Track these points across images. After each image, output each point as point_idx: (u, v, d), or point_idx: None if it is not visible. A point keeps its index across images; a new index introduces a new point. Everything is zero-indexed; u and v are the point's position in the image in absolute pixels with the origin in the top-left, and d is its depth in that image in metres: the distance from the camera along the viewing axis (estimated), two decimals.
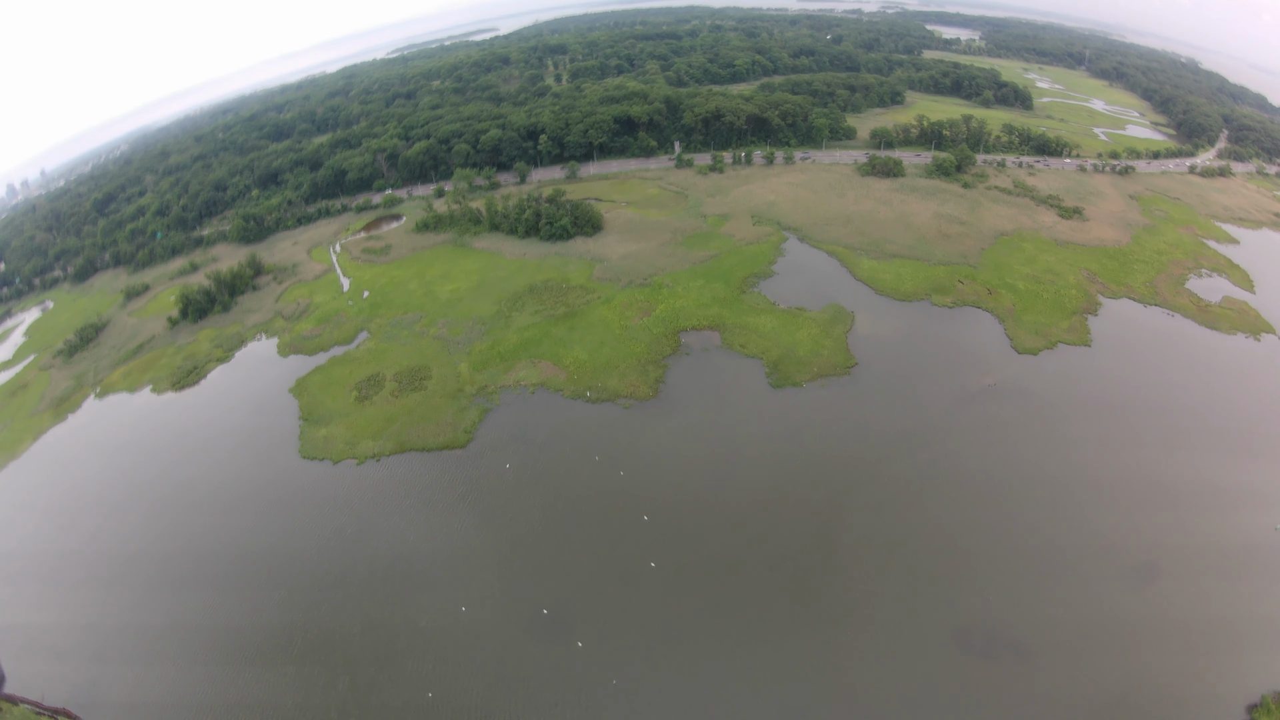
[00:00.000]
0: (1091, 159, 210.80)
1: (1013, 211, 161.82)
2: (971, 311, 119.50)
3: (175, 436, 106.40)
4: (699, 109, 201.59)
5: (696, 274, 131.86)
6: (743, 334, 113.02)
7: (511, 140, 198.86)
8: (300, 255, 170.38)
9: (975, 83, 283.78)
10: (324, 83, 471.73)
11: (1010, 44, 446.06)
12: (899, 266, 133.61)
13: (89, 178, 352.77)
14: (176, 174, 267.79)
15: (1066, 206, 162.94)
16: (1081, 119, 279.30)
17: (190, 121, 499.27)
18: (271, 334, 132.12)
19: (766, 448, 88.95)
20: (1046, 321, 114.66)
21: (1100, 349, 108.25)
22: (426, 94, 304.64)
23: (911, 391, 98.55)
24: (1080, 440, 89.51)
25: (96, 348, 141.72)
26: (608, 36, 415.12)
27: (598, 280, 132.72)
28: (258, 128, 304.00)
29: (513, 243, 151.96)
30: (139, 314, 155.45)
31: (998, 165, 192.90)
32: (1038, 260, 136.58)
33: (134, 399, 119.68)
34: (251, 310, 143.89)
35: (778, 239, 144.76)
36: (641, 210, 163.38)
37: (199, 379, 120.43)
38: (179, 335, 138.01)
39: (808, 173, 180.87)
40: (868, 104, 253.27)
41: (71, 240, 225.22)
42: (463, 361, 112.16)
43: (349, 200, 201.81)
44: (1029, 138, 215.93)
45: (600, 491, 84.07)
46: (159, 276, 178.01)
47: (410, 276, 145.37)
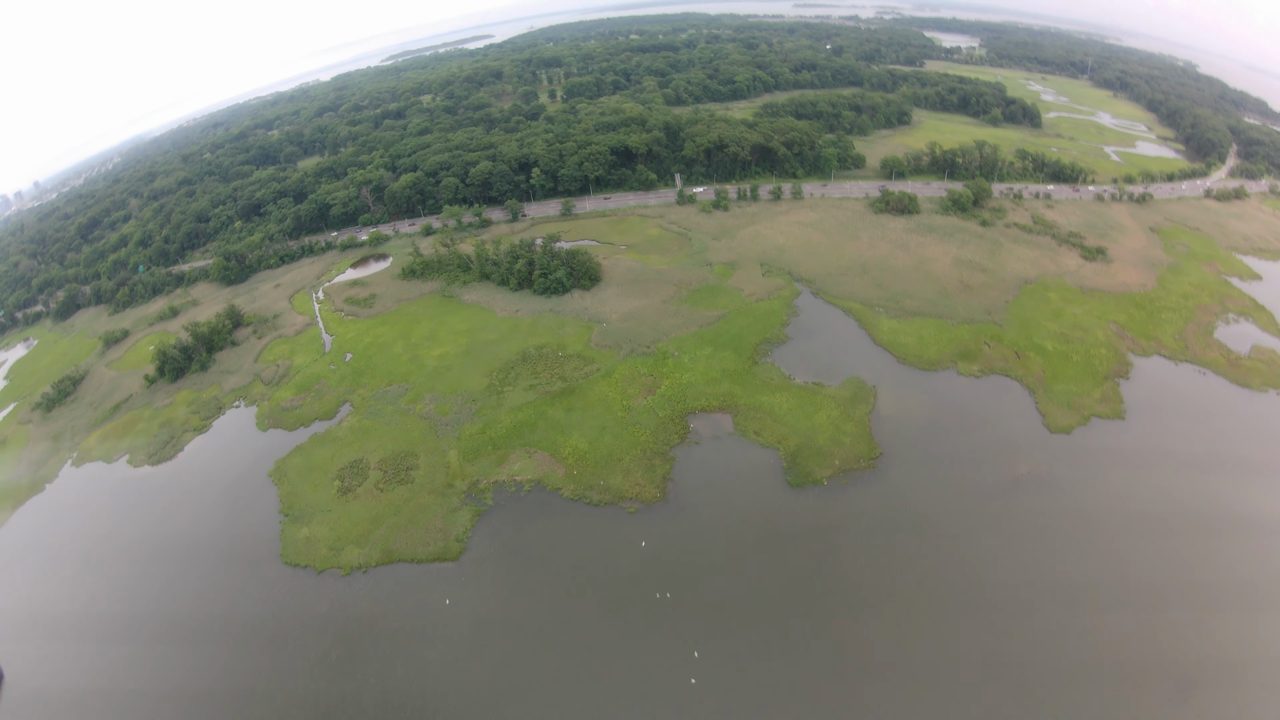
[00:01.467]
0: (1107, 185, 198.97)
1: (1034, 253, 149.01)
2: (1000, 381, 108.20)
3: (150, 530, 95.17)
4: (700, 139, 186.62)
5: (704, 340, 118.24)
6: (757, 417, 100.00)
7: (503, 174, 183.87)
8: (281, 302, 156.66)
9: (983, 100, 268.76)
10: (316, 93, 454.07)
11: (1011, 52, 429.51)
12: (921, 327, 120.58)
13: (77, 196, 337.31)
14: (161, 199, 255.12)
15: (1089, 246, 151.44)
16: (1091, 136, 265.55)
17: (182, 134, 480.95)
18: (250, 401, 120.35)
19: (784, 565, 77.89)
20: (1078, 391, 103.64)
21: (1134, 421, 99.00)
22: (416, 113, 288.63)
23: (940, 488, 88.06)
24: (1115, 541, 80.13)
25: (74, 403, 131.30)
26: (602, 48, 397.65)
27: (596, 347, 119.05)
28: (244, 150, 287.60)
29: (504, 295, 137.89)
30: (117, 365, 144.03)
31: (1014, 197, 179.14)
32: (1064, 313, 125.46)
33: (110, 471, 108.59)
34: (230, 370, 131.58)
35: (790, 293, 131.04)
36: (642, 255, 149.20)
37: (175, 451, 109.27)
38: (156, 396, 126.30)
39: (818, 210, 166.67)
40: (874, 125, 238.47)
41: (55, 270, 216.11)
42: (452, 448, 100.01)
43: (333, 235, 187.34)
44: (1043, 164, 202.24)
45: (610, 622, 73.02)
46: (138, 321, 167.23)
47: (395, 336, 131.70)
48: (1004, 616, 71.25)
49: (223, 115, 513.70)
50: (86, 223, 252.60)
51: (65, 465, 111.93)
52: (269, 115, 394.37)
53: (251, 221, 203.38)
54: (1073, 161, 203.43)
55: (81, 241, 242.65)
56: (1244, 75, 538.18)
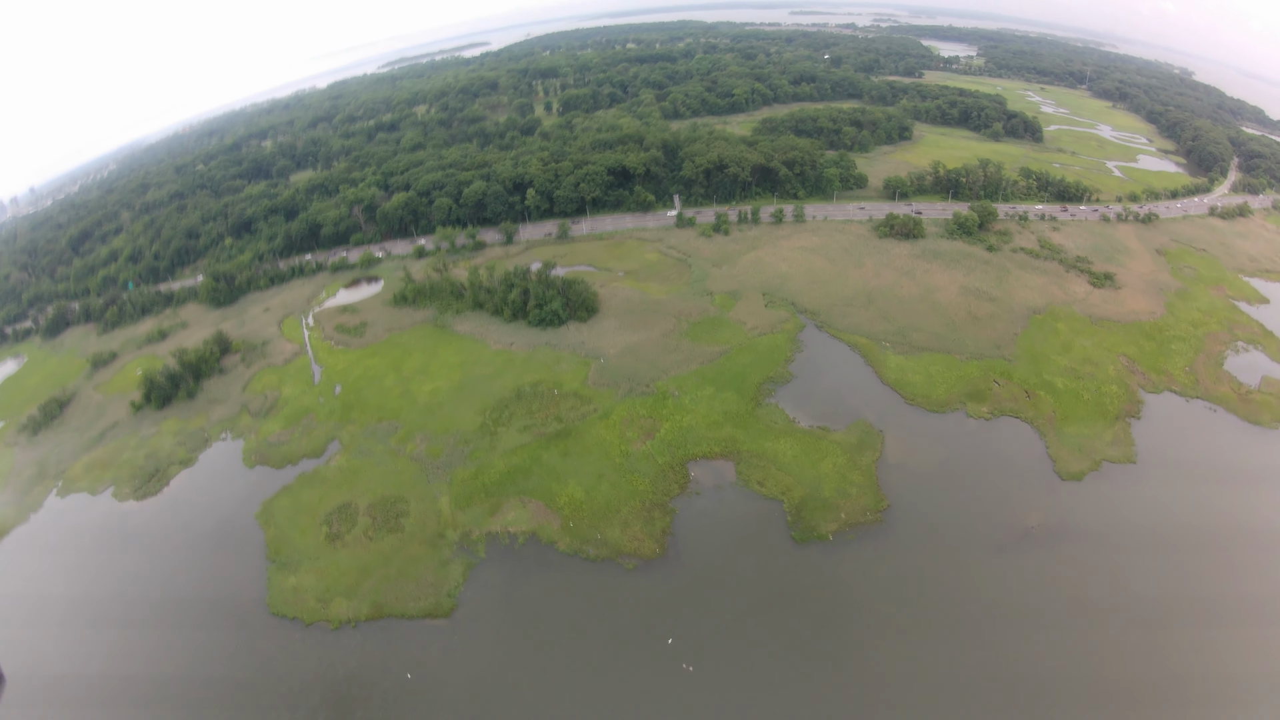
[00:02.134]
0: (1112, 203, 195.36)
1: (1042, 280, 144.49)
2: (1010, 423, 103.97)
3: (134, 573, 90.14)
4: (700, 159, 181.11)
5: (705, 378, 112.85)
6: (760, 466, 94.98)
7: (497, 194, 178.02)
8: (271, 328, 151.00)
9: (984, 114, 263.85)
10: (311, 101, 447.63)
11: (1010, 62, 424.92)
12: (929, 363, 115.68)
13: (70, 205, 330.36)
14: (152, 212, 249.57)
15: (1097, 272, 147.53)
16: (1092, 150, 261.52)
17: (178, 142, 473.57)
18: (238, 434, 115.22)
19: (786, 628, 73.79)
20: (1089, 433, 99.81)
21: (1145, 465, 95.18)
22: (410, 125, 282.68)
23: (948, 543, 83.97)
24: (1127, 603, 76.61)
25: (60, 425, 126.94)
26: (599, 58, 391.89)
27: (594, 385, 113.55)
28: (236, 162, 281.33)
29: (498, 326, 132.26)
30: (104, 389, 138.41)
31: (1020, 219, 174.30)
32: (1074, 346, 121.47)
33: (95, 504, 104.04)
34: (217, 400, 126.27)
35: (793, 326, 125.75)
36: (640, 283, 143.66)
37: (161, 485, 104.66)
38: (142, 424, 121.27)
39: (820, 234, 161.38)
40: (875, 141, 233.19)
41: (45, 284, 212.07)
42: (443, 494, 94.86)
43: (324, 255, 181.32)
44: (1048, 182, 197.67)
45: (608, 685, 69.01)
46: (126, 342, 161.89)
47: (386, 368, 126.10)
48: (1015, 688, 66.89)
49: (219, 122, 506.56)
50: (78, 235, 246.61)
51: (50, 495, 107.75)
52: (263, 124, 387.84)
53: (242, 239, 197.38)
54: (1077, 180, 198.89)
55: (73, 254, 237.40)
56: (1240, 82, 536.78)
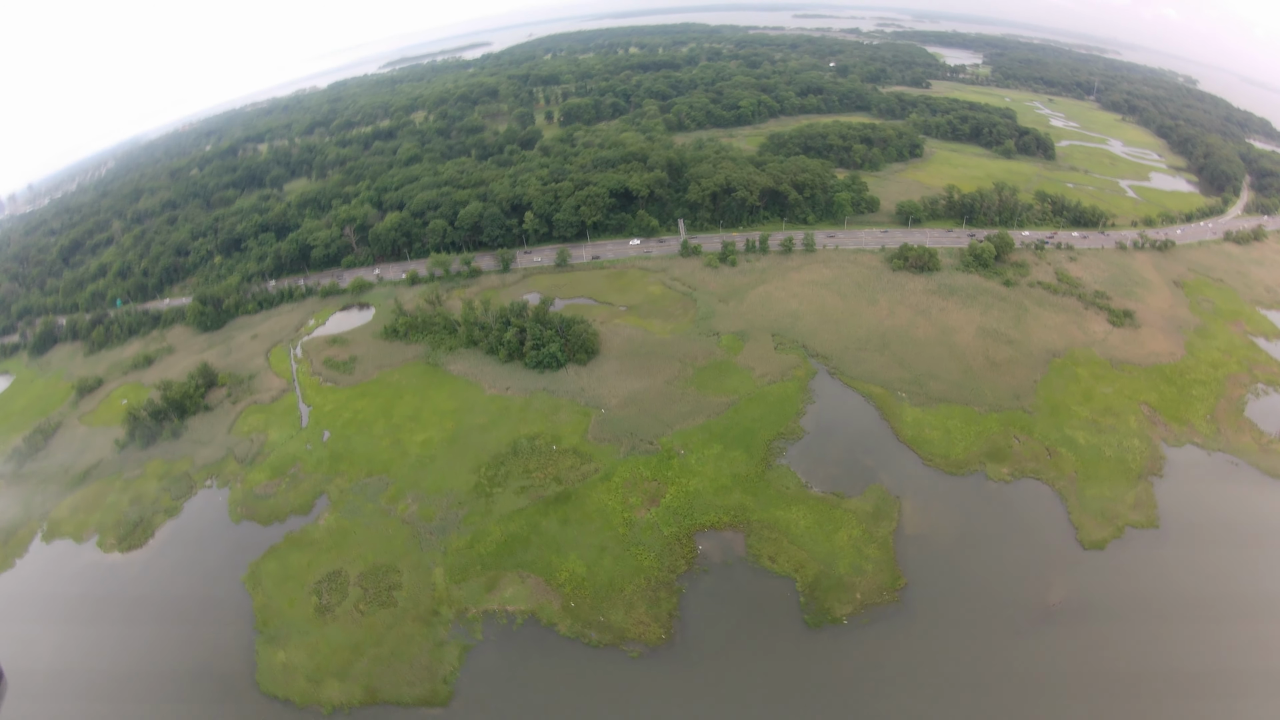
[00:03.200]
0: (1127, 229, 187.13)
1: (1061, 319, 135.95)
2: (1031, 486, 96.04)
3: (122, 635, 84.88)
4: (706, 181, 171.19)
5: (713, 434, 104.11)
6: (771, 539, 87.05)
7: (493, 217, 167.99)
8: (258, 358, 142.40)
9: (995, 130, 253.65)
10: (310, 103, 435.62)
11: (1017, 72, 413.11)
12: (947, 416, 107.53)
13: (65, 209, 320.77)
14: (144, 222, 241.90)
15: (1116, 309, 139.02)
16: (1104, 168, 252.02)
17: (176, 141, 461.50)
18: (224, 481, 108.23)
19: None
20: (1111, 495, 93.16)
21: (1168, 530, 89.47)
22: (408, 134, 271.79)
23: (966, 626, 78.04)
24: (1154, 684, 71.67)
25: (46, 458, 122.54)
26: (601, 65, 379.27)
27: (594, 440, 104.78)
28: (230, 169, 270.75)
29: (493, 367, 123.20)
30: (89, 419, 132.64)
31: (1036, 248, 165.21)
32: (1095, 394, 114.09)
33: (80, 554, 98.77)
34: (202, 441, 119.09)
35: (805, 373, 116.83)
36: (643, 320, 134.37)
37: (146, 537, 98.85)
38: (126, 463, 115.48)
39: (831, 265, 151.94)
40: (886, 159, 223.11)
41: (35, 296, 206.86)
42: (437, 564, 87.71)
43: (315, 278, 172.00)
44: (1063, 207, 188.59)
45: None
46: (112, 366, 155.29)
47: (376, 413, 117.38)
48: None
49: (219, 122, 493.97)
50: (69, 245, 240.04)
51: (35, 539, 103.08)
52: (261, 127, 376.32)
53: (231, 257, 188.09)
54: (1093, 205, 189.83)
55: (63, 265, 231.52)
56: (1245, 91, 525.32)
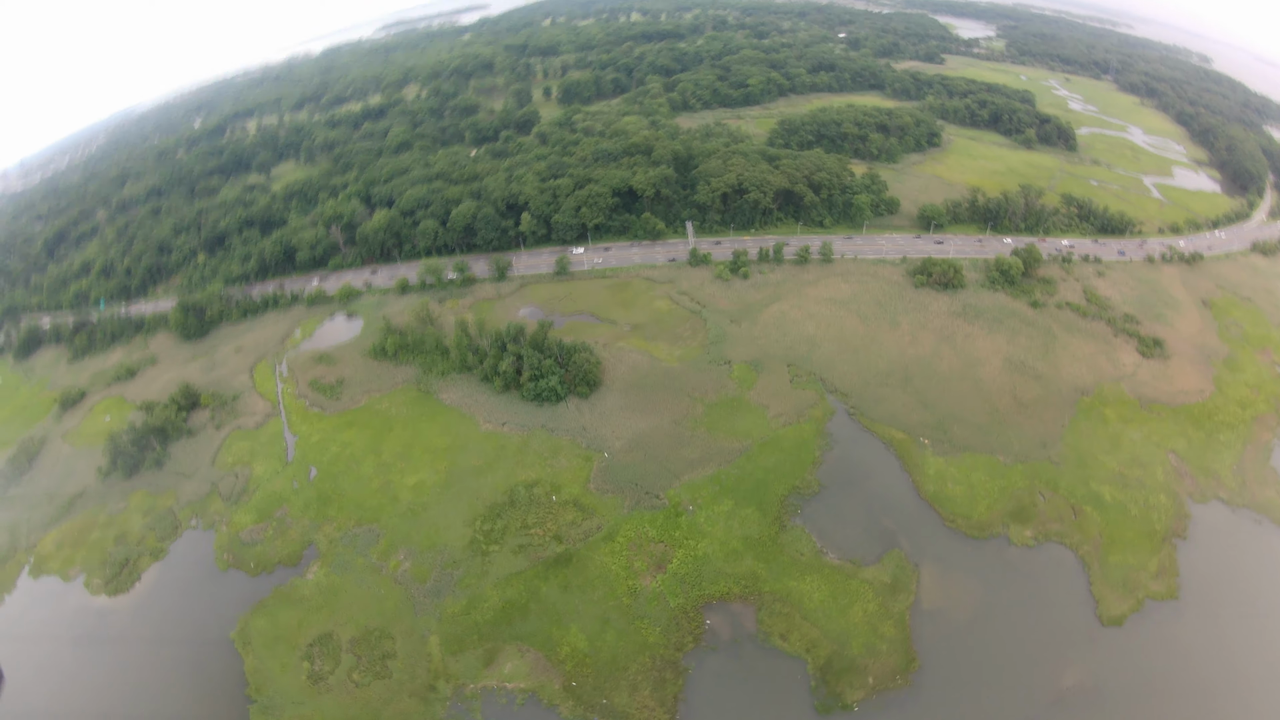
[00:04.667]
0: (1154, 236, 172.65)
1: (1090, 349, 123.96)
2: (1054, 551, 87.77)
3: (113, 695, 79.75)
4: (716, 181, 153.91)
5: (723, 487, 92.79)
6: (784, 613, 78.97)
7: (488, 218, 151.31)
8: (242, 375, 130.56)
9: (1015, 117, 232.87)
10: (301, 74, 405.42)
11: (1032, 47, 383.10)
12: (971, 468, 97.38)
13: (53, 191, 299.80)
14: (128, 211, 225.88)
15: (1145, 337, 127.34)
16: (1127, 161, 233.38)
17: (166, 115, 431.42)
18: (208, 522, 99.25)
19: None
20: (1135, 562, 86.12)
21: (1188, 599, 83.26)
22: (399, 115, 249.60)
23: (977, 713, 70.93)
24: None
25: (30, 482, 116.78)
26: (602, 34, 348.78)
27: (597, 490, 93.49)
28: (216, 153, 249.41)
29: (488, 397, 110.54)
30: (73, 438, 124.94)
31: (1063, 262, 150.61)
32: (1123, 440, 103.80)
33: (67, 595, 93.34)
34: (185, 473, 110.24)
35: (822, 413, 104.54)
36: (649, 343, 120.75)
37: (132, 581, 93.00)
38: (110, 493, 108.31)
39: (850, 279, 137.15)
40: (903, 148, 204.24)
41: (20, 294, 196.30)
42: (433, 632, 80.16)
43: (300, 281, 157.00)
44: (1090, 212, 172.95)
45: None
46: (96, 376, 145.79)
47: (365, 448, 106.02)
48: None
49: (209, 93, 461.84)
50: (53, 236, 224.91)
51: (23, 573, 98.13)
52: (250, 101, 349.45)
53: (215, 255, 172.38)
54: (1120, 211, 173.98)
55: (48, 258, 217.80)
56: (1258, 70, 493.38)
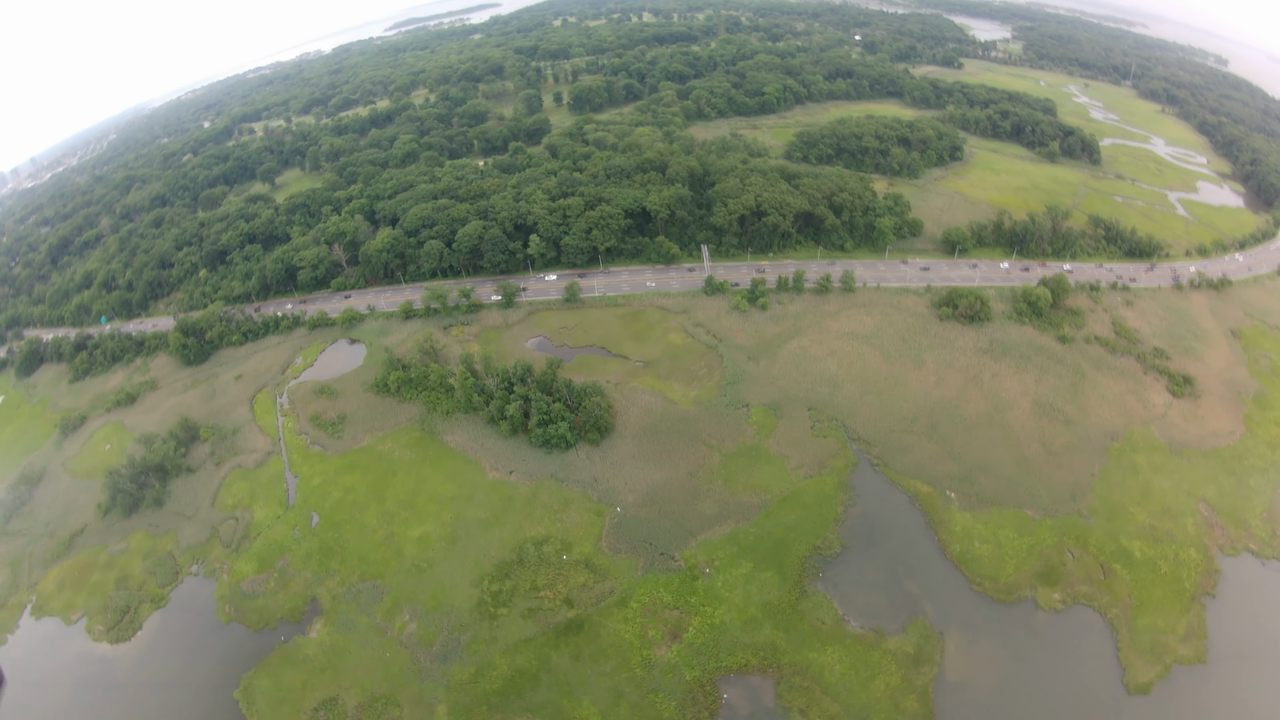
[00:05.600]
0: (1181, 259, 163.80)
1: (1120, 388, 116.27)
2: (1082, 615, 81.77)
3: None
4: (733, 202, 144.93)
5: (742, 546, 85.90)
6: (804, 687, 73.93)
7: (495, 239, 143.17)
8: (242, 406, 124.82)
9: (1039, 129, 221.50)
10: (311, 74, 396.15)
11: (1050, 51, 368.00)
12: (999, 524, 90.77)
13: (60, 193, 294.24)
14: (132, 219, 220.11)
15: (1175, 375, 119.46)
16: (1151, 175, 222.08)
17: (176, 113, 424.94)
18: (209, 569, 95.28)
19: None
20: (1163, 625, 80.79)
21: (1216, 663, 77.73)
22: (406, 121, 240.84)
23: None
24: None
25: (31, 515, 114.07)
26: (614, 36, 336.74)
27: (609, 550, 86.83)
28: (221, 159, 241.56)
29: (495, 441, 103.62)
30: (73, 467, 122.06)
31: (1091, 290, 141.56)
32: (1153, 490, 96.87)
33: (69, 641, 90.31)
34: (185, 514, 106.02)
35: (845, 464, 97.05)
36: (663, 382, 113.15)
37: (134, 630, 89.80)
38: (110, 531, 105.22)
39: (873, 311, 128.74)
40: (925, 163, 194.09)
41: (23, 305, 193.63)
42: (440, 701, 75.81)
43: (302, 302, 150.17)
44: (1117, 234, 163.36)
45: None
46: (96, 400, 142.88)
47: (368, 494, 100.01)
48: None
49: (219, 91, 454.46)
50: (58, 243, 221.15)
51: (25, 613, 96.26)
52: (259, 102, 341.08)
53: (216, 271, 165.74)
54: (1148, 234, 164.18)
55: (51, 267, 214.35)
56: (1272, 71, 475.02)
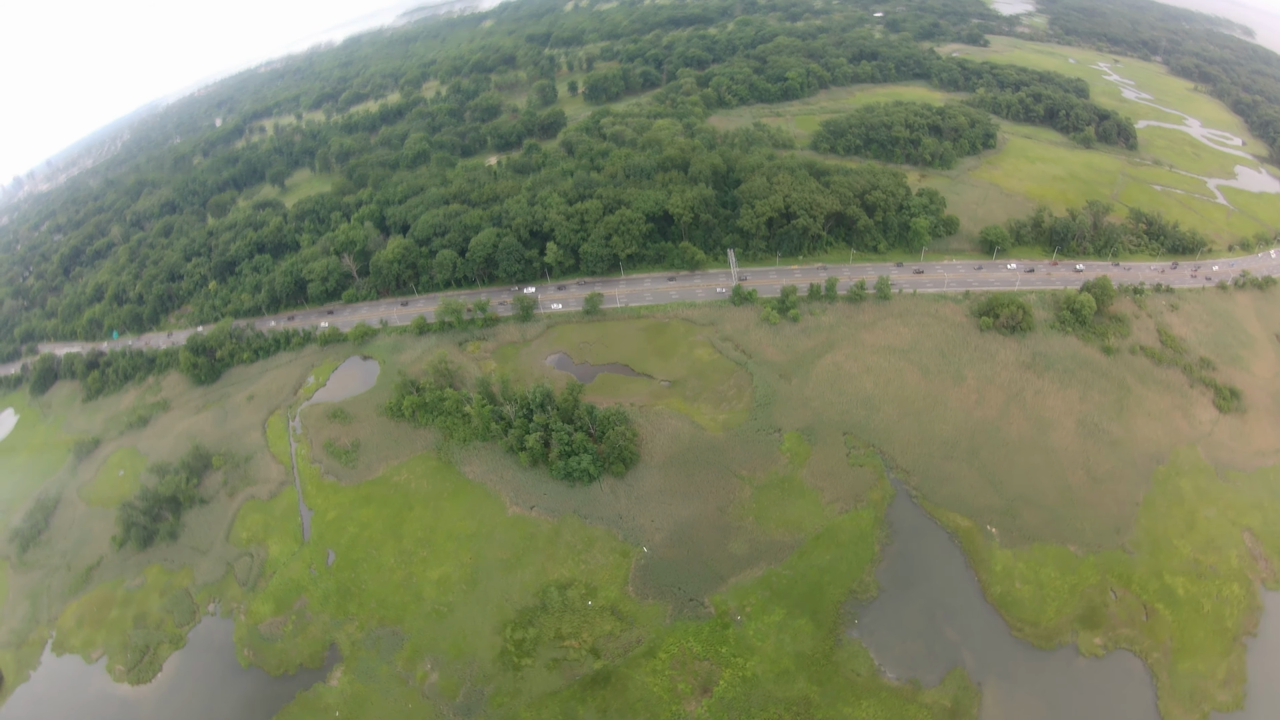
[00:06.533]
0: (1224, 255, 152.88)
1: (1166, 404, 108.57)
2: (1122, 661, 76.82)
3: None
4: (761, 205, 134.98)
5: (774, 590, 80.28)
6: None
7: (510, 248, 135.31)
8: (254, 431, 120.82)
9: (1073, 114, 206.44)
10: (321, 66, 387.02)
11: (1076, 25, 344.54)
12: (1040, 562, 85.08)
13: (72, 199, 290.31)
14: (142, 227, 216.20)
15: (1222, 387, 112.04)
16: (1188, 160, 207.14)
17: (189, 110, 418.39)
18: (226, 608, 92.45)
19: None
20: (1203, 669, 76.46)
21: (1254, 709, 73.10)
22: (417, 116, 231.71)
23: None
24: None
25: (48, 544, 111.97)
26: (627, 20, 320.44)
27: (636, 594, 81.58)
28: (230, 162, 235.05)
29: (514, 472, 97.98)
30: (88, 494, 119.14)
31: (1135, 294, 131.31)
32: (1198, 519, 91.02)
33: (90, 679, 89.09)
34: (200, 549, 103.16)
35: (882, 495, 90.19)
36: (690, 404, 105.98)
37: (154, 672, 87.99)
38: (126, 565, 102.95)
39: (910, 321, 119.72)
40: (957, 152, 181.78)
41: (36, 318, 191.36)
42: None
43: (314, 316, 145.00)
44: (1160, 230, 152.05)
45: None
46: (109, 421, 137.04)
47: (384, 530, 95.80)
48: None
49: (232, 86, 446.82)
50: (69, 253, 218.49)
51: (46, 649, 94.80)
52: (270, 98, 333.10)
53: (225, 283, 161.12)
54: (1191, 230, 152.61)
55: (63, 277, 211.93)
56: None
